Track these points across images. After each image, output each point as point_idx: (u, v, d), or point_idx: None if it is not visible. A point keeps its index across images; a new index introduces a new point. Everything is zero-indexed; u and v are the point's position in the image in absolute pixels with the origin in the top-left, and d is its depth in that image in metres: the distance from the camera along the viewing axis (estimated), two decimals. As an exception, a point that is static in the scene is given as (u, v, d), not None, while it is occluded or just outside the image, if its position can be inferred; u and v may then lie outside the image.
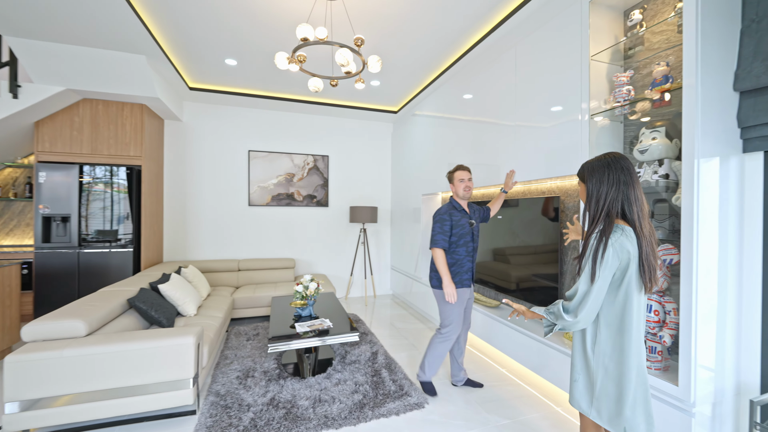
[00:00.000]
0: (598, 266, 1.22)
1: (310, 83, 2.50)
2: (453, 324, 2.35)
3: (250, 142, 4.69)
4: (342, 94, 4.36)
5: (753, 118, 1.56)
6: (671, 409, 1.59)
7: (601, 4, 2.05)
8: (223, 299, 3.55)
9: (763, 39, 1.52)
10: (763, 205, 1.59)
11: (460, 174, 2.42)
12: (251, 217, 4.70)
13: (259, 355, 2.98)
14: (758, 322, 1.60)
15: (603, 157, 1.34)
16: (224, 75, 3.75)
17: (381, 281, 5.44)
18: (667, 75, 1.79)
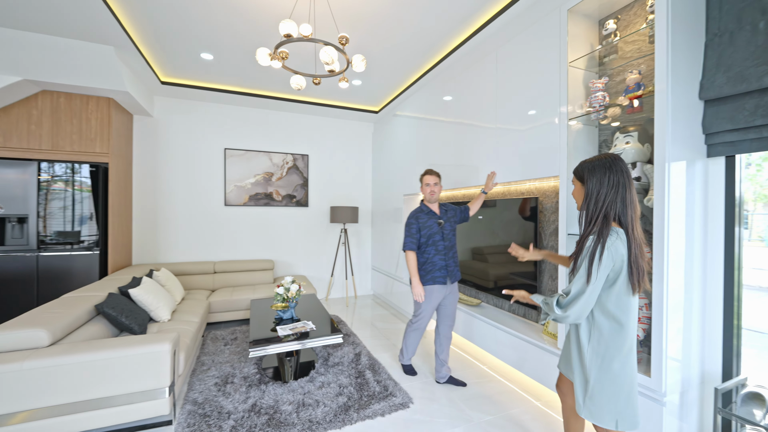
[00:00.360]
0: (594, 268, 1.25)
1: (292, 81, 2.45)
2: (422, 316, 2.58)
3: (227, 139, 4.54)
4: (323, 93, 4.30)
5: (716, 125, 1.67)
6: (644, 399, 1.68)
7: (578, 13, 2.13)
8: (199, 303, 3.41)
9: (725, 52, 1.64)
10: (724, 206, 1.71)
11: (427, 179, 2.57)
12: (228, 217, 4.55)
13: (239, 360, 2.89)
14: (720, 314, 1.72)
15: (603, 157, 1.36)
16: (199, 70, 3.61)
17: (362, 282, 5.42)
18: (639, 83, 1.89)
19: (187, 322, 2.84)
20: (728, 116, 1.63)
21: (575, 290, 1.29)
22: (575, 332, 1.41)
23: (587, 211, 1.36)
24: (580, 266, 1.30)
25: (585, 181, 1.38)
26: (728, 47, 1.63)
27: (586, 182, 1.37)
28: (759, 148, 1.56)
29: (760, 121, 1.53)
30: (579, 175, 1.42)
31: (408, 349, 2.74)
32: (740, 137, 1.61)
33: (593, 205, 1.34)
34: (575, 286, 1.29)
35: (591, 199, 1.34)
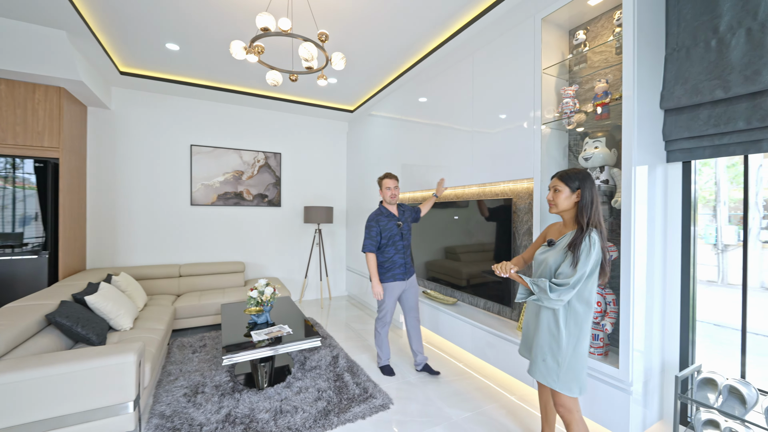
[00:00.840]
0: (590, 263, 1.46)
1: (268, 76, 2.36)
2: (386, 310, 2.74)
3: (193, 135, 4.30)
4: (297, 90, 4.19)
5: (675, 133, 1.81)
6: (612, 389, 1.78)
7: (550, 22, 2.23)
8: (163, 309, 3.20)
9: (682, 66, 1.77)
10: (681, 207, 1.85)
11: (387, 182, 2.72)
12: (194, 217, 4.31)
13: (209, 369, 2.75)
14: (677, 307, 1.86)
15: (583, 170, 1.59)
16: (163, 60, 3.39)
17: (336, 282, 5.35)
18: (606, 91, 2.01)
19: (151, 330, 2.65)
20: (685, 125, 1.77)
21: (573, 281, 1.45)
22: (552, 317, 1.55)
23: (586, 215, 1.53)
24: (577, 261, 1.46)
25: (581, 190, 1.55)
26: (685, 62, 1.76)
27: (583, 189, 1.55)
28: (712, 155, 1.71)
29: (713, 131, 1.68)
30: (571, 184, 1.58)
31: (383, 350, 2.80)
32: (695, 144, 1.75)
33: (590, 209, 1.53)
34: (574, 278, 1.46)
35: (588, 207, 1.54)
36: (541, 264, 1.65)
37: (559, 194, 1.59)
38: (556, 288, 1.48)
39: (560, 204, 1.59)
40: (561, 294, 1.47)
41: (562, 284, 1.47)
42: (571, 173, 1.58)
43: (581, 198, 1.54)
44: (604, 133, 2.06)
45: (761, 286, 1.80)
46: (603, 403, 1.83)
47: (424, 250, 3.59)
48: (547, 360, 1.55)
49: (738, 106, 1.61)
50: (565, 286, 1.46)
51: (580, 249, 1.48)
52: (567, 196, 1.58)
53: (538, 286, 1.53)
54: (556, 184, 1.61)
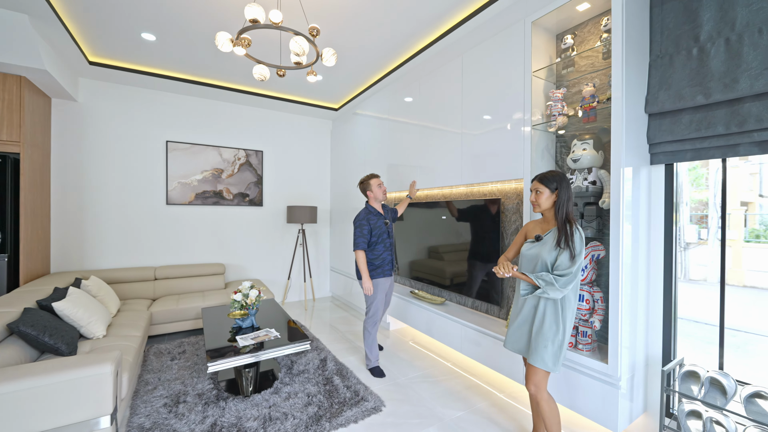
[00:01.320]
0: (583, 253, 1.62)
1: (255, 71, 2.27)
2: (377, 307, 2.80)
3: (169, 131, 4.09)
4: (279, 86, 4.07)
5: (658, 136, 1.89)
6: (602, 384, 1.84)
7: (539, 26, 2.27)
8: (139, 314, 3.02)
9: (666, 73, 1.85)
10: (663, 208, 1.94)
11: (376, 180, 2.84)
12: (170, 217, 4.11)
13: (190, 376, 2.61)
14: (660, 304, 1.94)
15: (560, 172, 1.74)
16: (138, 51, 3.19)
17: (320, 283, 5.26)
18: (593, 95, 2.06)
19: (126, 337, 2.50)
20: (668, 129, 1.85)
21: (574, 271, 1.60)
22: (553, 307, 1.69)
23: (565, 213, 1.67)
24: (577, 252, 1.61)
25: (558, 190, 1.70)
26: (668, 68, 1.84)
27: (560, 190, 1.69)
28: (693, 158, 1.79)
29: (694, 135, 1.76)
30: (550, 185, 1.73)
31: (372, 351, 2.81)
32: (678, 148, 1.83)
33: (565, 207, 1.68)
34: (575, 268, 1.60)
35: (565, 203, 1.69)
36: (533, 259, 1.74)
37: (540, 195, 1.74)
38: (561, 279, 1.61)
39: (542, 204, 1.75)
40: (566, 284, 1.61)
41: (565, 274, 1.61)
42: (549, 176, 1.74)
43: (558, 197, 1.70)
44: (591, 135, 2.12)
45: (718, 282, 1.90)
46: (592, 398, 1.88)
47: (413, 250, 3.59)
48: (548, 346, 1.67)
49: (717, 112, 1.69)
50: (569, 275, 1.60)
51: (575, 241, 1.63)
52: (548, 197, 1.73)
53: (543, 280, 1.64)
54: (537, 186, 1.76)
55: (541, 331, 1.68)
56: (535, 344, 1.69)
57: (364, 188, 2.87)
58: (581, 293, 2.00)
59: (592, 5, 2.05)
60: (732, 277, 4.07)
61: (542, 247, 1.72)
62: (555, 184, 1.71)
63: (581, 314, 2.00)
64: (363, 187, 2.87)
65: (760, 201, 4.24)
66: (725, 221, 1.74)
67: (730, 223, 4.52)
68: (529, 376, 1.74)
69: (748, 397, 1.50)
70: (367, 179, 2.85)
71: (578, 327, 2.03)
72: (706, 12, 1.72)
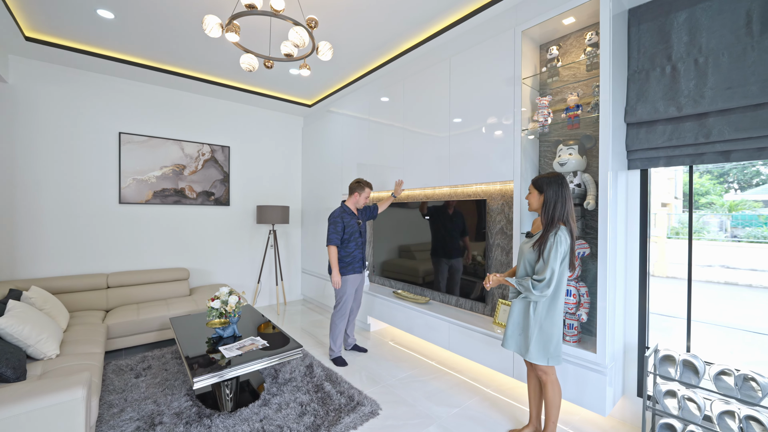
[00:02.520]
0: (557, 258, 1.69)
1: (243, 60, 2.11)
2: (346, 301, 2.95)
3: (123, 121, 3.66)
4: (250, 78, 3.82)
5: (635, 144, 2.08)
6: (590, 372, 1.98)
7: (527, 35, 2.38)
8: (93, 328, 2.67)
9: (643, 87, 2.04)
10: (639, 209, 2.13)
11: (368, 192, 3.01)
12: (124, 217, 3.68)
13: (162, 394, 2.36)
14: (636, 297, 2.14)
15: (554, 175, 1.83)
16: (91, 29, 2.81)
17: (291, 286, 5.05)
18: (578, 104, 2.22)
19: (86, 355, 2.19)
20: (644, 138, 2.04)
21: (548, 275, 1.69)
22: (524, 302, 1.83)
23: (547, 214, 1.77)
24: (547, 258, 1.71)
25: (545, 192, 1.78)
26: (645, 83, 2.03)
27: (545, 192, 1.79)
28: (665, 164, 2.00)
29: (667, 143, 1.96)
30: (538, 187, 1.83)
31: (336, 342, 2.98)
32: (653, 155, 2.03)
33: (552, 210, 1.77)
34: (547, 274, 1.69)
35: (550, 206, 1.78)
36: (522, 256, 1.89)
37: (531, 195, 1.89)
38: (537, 285, 1.72)
39: (532, 204, 1.89)
40: (542, 290, 1.71)
41: (539, 280, 1.72)
42: (540, 178, 1.84)
43: (545, 198, 1.79)
44: (575, 141, 2.27)
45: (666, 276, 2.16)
46: (581, 386, 2.01)
47: (396, 250, 3.58)
48: (548, 346, 1.78)
49: (687, 124, 1.90)
50: (543, 281, 1.71)
51: (546, 248, 1.73)
52: (536, 198, 1.85)
53: (522, 286, 1.79)
54: (530, 187, 1.89)
55: (542, 331, 1.78)
56: (538, 343, 1.79)
57: (353, 189, 2.99)
58: (568, 288, 2.14)
59: (576, 20, 2.20)
60: (657, 269, 4.63)
61: (528, 244, 1.87)
62: (543, 186, 1.81)
63: (568, 308, 2.14)
64: (353, 188, 2.99)
65: (676, 202, 4.95)
66: (692, 221, 1.96)
67: (656, 222, 5.16)
68: (536, 367, 1.85)
69: (716, 375, 1.71)
70: (362, 185, 2.98)
71: (565, 320, 2.17)
72: (677, 35, 1.93)
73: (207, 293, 3.66)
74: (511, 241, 2.66)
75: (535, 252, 1.79)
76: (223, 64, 3.44)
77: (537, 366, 1.86)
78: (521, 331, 1.86)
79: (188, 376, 2.45)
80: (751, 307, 6.17)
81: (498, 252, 2.76)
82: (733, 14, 1.77)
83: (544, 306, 1.79)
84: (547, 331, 1.78)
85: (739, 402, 1.66)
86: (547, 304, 1.78)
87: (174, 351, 3.04)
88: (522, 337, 1.85)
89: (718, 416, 1.69)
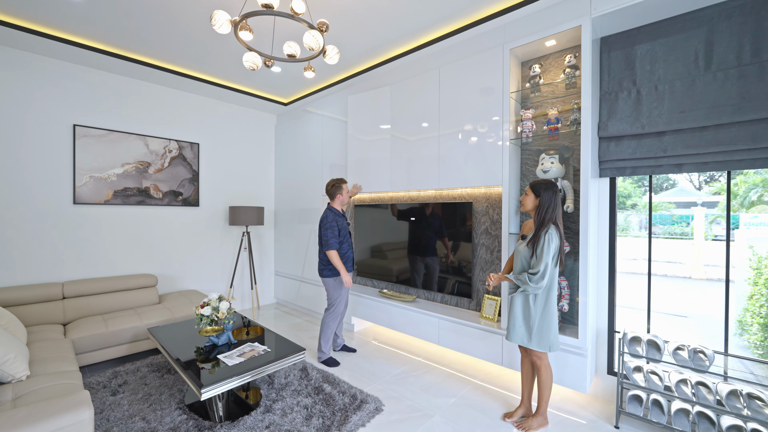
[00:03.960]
0: (549, 254, 1.92)
1: (246, 58, 2.04)
2: (340, 301, 3.00)
3: (79, 113, 3.29)
4: (221, 70, 3.60)
5: (606, 155, 2.39)
6: (573, 355, 2.25)
7: (513, 53, 2.61)
8: (58, 344, 2.39)
9: (613, 106, 2.36)
10: (609, 212, 2.46)
11: (346, 186, 3.03)
12: (80, 219, 3.31)
13: (150, 410, 2.20)
14: (606, 288, 2.46)
15: (549, 182, 2.05)
16: (53, 9, 2.50)
17: (264, 290, 4.88)
18: (557, 117, 2.49)
19: (61, 375, 1.97)
20: (614, 150, 2.36)
21: (542, 269, 1.92)
22: (543, 299, 2.01)
23: (540, 215, 2.00)
24: (540, 254, 1.93)
25: (541, 196, 2.02)
26: (614, 103, 2.35)
27: (541, 196, 2.02)
28: (631, 174, 2.33)
29: (632, 156, 2.29)
30: (536, 190, 2.05)
31: (327, 344, 3.00)
32: (621, 165, 2.36)
33: (545, 212, 2.00)
34: (541, 267, 1.92)
35: (543, 208, 2.00)
36: (518, 254, 2.10)
37: (527, 197, 2.09)
38: (533, 278, 1.95)
39: (526, 205, 2.10)
40: (537, 281, 1.94)
41: (534, 273, 1.95)
42: (539, 183, 2.06)
43: (540, 202, 2.01)
44: (555, 151, 2.55)
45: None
46: (564, 368, 2.28)
47: (377, 250, 3.66)
48: (548, 335, 2.01)
49: (648, 140, 2.25)
50: (538, 274, 1.93)
51: (539, 245, 1.96)
52: (532, 200, 2.07)
53: (520, 280, 2.01)
54: (527, 190, 2.10)
55: (545, 320, 2.00)
56: (539, 333, 2.01)
57: (335, 191, 3.00)
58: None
59: (557, 42, 2.47)
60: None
61: (522, 244, 2.10)
62: (540, 191, 2.03)
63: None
64: (333, 191, 3.00)
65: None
66: (651, 221, 2.32)
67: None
68: (531, 352, 2.08)
69: (674, 351, 2.06)
70: (339, 183, 3.01)
71: (548, 311, 2.42)
72: (641, 64, 2.26)
73: (178, 300, 3.42)
74: (495, 240, 2.89)
75: (530, 249, 2.01)
76: (194, 55, 3.22)
77: (532, 352, 2.08)
78: (523, 323, 2.05)
79: (189, 387, 2.34)
80: (667, 294, 7.26)
81: (483, 251, 2.97)
82: (684, 51, 2.13)
83: (542, 298, 2.00)
84: (548, 320, 2.00)
85: (692, 371, 2.02)
86: (544, 297, 2.00)
87: (150, 364, 2.82)
88: (524, 329, 2.05)
89: (675, 384, 2.03)
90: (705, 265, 8.86)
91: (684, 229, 10.51)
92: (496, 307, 2.77)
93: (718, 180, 12.02)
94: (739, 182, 10.03)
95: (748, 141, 1.93)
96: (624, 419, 2.20)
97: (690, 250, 9.76)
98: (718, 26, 2.03)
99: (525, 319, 2.05)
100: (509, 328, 2.10)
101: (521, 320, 2.07)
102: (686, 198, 10.76)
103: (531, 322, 2.02)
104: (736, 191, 10.81)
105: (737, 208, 10.47)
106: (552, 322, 2.01)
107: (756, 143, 1.91)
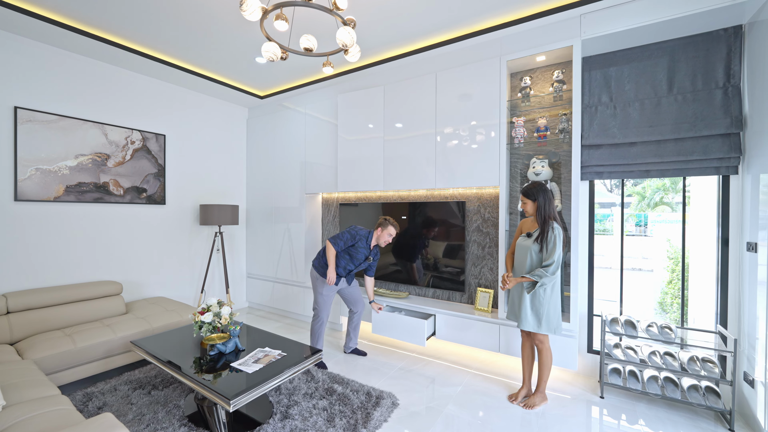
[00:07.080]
0: (559, 243, 2.17)
1: (265, 48, 1.94)
2: (323, 307, 2.96)
3: (22, 94, 2.78)
4: (193, 56, 3.29)
5: (588, 161, 2.72)
6: (565, 338, 2.53)
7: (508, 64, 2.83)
8: (20, 366, 2.01)
9: (593, 118, 2.70)
10: (588, 211, 2.80)
11: (392, 230, 2.90)
12: (23, 219, 2.80)
13: (148, 429, 1.97)
14: (586, 278, 2.81)
15: (537, 184, 2.31)
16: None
17: (236, 293, 4.57)
18: (546, 126, 2.77)
19: (44, 401, 1.68)
20: (595, 157, 2.70)
21: (556, 261, 2.17)
22: (542, 289, 2.23)
23: (541, 216, 2.24)
24: (552, 247, 2.16)
25: (537, 199, 2.27)
26: (594, 115, 2.69)
27: (538, 198, 2.27)
28: (607, 177, 2.70)
29: (609, 162, 2.64)
30: (531, 197, 2.30)
31: (318, 344, 2.98)
32: (599, 170, 2.70)
33: (545, 211, 2.24)
34: (555, 257, 2.17)
35: (542, 209, 2.26)
36: (526, 250, 2.31)
37: (526, 205, 2.34)
38: (549, 269, 2.19)
39: (529, 211, 2.35)
40: (553, 272, 2.20)
41: (549, 264, 2.18)
42: (530, 189, 2.31)
43: (538, 204, 2.26)
44: (544, 155, 2.83)
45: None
46: (560, 350, 2.55)
47: (368, 249, 3.68)
48: (554, 320, 2.25)
49: (620, 149, 2.62)
50: (552, 264, 2.19)
51: (549, 239, 2.21)
52: (531, 206, 2.32)
53: (536, 275, 2.22)
54: (523, 200, 2.35)
55: (551, 305, 2.24)
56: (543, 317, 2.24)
57: (382, 225, 2.90)
58: (543, 274, 2.66)
59: (546, 58, 2.75)
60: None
61: (530, 240, 2.30)
62: (535, 195, 2.29)
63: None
64: (383, 223, 2.91)
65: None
66: (623, 223, 2.70)
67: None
68: (534, 337, 2.32)
69: (647, 327, 2.44)
70: (391, 223, 2.90)
71: (540, 300, 2.69)
72: (616, 83, 2.63)
73: (150, 309, 3.08)
74: (486, 237, 3.10)
75: (539, 244, 2.24)
76: (164, 36, 2.90)
77: (536, 336, 2.31)
78: (532, 312, 2.27)
79: (185, 402, 2.14)
80: (600, 283, 8.34)
81: (474, 247, 3.17)
82: (651, 75, 2.53)
83: (550, 287, 2.23)
84: (554, 306, 2.24)
85: (662, 343, 2.41)
86: (552, 286, 2.23)
87: (128, 381, 2.50)
88: (534, 317, 2.26)
89: (648, 356, 2.41)
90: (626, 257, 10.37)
91: (606, 225, 12.18)
92: (490, 299, 2.99)
93: (626, 185, 14.22)
94: (646, 186, 11.91)
95: (701, 152, 2.37)
96: (607, 389, 2.54)
97: (611, 244, 11.30)
98: (678, 56, 2.45)
99: (534, 308, 2.26)
100: (521, 318, 2.29)
101: (530, 309, 2.27)
102: (606, 199, 12.48)
103: (541, 309, 2.24)
104: (643, 193, 12.83)
105: (644, 208, 12.42)
106: (558, 307, 2.25)
107: (707, 155, 2.35)
